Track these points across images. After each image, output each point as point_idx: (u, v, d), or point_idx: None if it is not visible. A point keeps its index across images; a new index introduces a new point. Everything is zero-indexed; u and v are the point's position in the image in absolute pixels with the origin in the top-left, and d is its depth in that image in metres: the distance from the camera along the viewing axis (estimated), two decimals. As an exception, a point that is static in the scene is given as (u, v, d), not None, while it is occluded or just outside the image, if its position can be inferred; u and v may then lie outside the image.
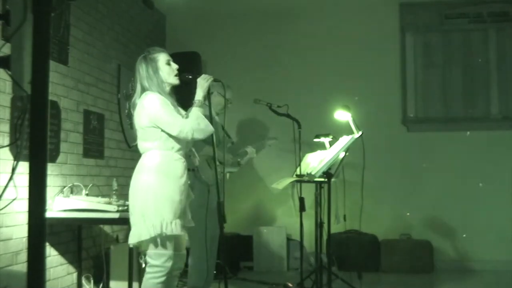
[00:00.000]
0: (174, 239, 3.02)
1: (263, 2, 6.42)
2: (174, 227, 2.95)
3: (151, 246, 2.97)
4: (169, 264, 2.99)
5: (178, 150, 3.10)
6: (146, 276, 3.00)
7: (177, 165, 3.07)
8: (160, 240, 2.95)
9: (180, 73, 3.19)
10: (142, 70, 3.12)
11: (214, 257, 4.29)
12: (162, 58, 3.14)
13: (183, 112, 3.15)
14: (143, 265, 3.79)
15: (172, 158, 3.07)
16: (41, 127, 1.69)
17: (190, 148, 3.32)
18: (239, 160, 4.45)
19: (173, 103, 3.11)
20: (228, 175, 3.26)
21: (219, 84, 3.67)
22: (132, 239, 2.98)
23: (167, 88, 3.15)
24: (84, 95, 4.68)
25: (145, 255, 3.08)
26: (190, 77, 3.24)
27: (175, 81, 3.17)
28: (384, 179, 6.08)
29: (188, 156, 3.36)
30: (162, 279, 2.98)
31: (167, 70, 3.14)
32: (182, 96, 3.34)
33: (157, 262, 2.97)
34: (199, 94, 3.18)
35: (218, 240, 4.21)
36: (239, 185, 6.03)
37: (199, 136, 3.09)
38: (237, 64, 6.40)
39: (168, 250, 2.98)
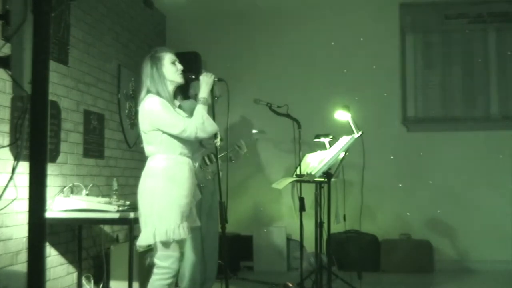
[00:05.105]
0: (181, 241, 3.03)
1: (263, 2, 6.42)
2: (181, 231, 2.95)
3: (159, 247, 2.97)
4: (176, 266, 3.00)
5: (183, 153, 3.08)
6: (153, 278, 3.00)
7: (183, 168, 3.06)
8: (168, 242, 2.95)
9: (183, 73, 3.17)
10: (147, 68, 3.12)
11: (215, 257, 4.26)
12: (167, 57, 3.13)
13: (183, 114, 3.13)
14: (147, 262, 3.78)
15: (177, 161, 3.05)
16: (41, 127, 1.69)
17: (197, 156, 3.30)
18: (230, 156, 4.41)
19: (173, 104, 3.10)
20: (221, 173, 3.25)
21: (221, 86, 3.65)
22: (140, 242, 2.99)
23: (170, 87, 3.12)
24: (84, 95, 4.68)
25: (151, 256, 3.08)
26: (193, 77, 3.22)
27: (179, 79, 3.14)
28: (384, 179, 6.08)
29: (201, 170, 3.28)
30: (169, 280, 2.99)
31: (171, 69, 3.12)
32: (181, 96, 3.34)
33: (165, 264, 2.97)
34: (204, 91, 3.14)
35: (219, 240, 4.20)
36: (239, 185, 6.03)
37: (203, 135, 3.07)
38: (237, 64, 6.40)
39: (175, 252, 2.99)
